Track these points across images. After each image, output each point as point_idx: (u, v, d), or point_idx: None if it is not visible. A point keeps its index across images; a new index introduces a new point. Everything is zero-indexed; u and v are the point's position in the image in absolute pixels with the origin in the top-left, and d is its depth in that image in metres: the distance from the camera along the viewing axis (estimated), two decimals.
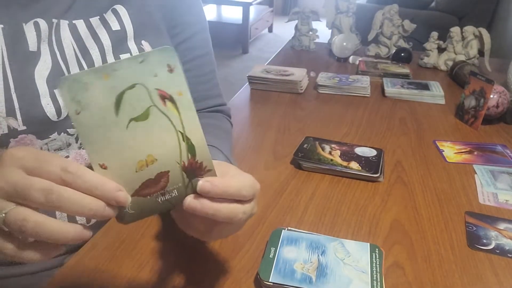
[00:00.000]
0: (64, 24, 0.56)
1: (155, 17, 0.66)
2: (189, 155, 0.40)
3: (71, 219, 0.58)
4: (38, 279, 0.61)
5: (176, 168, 0.40)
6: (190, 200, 0.39)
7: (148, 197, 0.40)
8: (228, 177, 0.42)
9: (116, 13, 0.61)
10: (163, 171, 0.39)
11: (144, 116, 0.38)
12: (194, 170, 0.41)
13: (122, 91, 0.36)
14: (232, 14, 4.79)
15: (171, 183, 0.40)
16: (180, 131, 0.39)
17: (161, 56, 0.37)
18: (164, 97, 0.38)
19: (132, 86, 0.37)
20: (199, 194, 0.40)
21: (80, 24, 0.58)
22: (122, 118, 0.37)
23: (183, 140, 0.40)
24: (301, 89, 1.22)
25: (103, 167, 0.37)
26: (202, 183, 0.40)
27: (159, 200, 0.40)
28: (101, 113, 0.36)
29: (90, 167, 0.60)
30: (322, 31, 1.73)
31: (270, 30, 5.32)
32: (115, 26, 0.61)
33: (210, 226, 0.43)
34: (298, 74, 1.25)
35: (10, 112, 0.51)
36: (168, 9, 0.68)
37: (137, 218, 0.40)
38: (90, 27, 0.59)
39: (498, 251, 0.60)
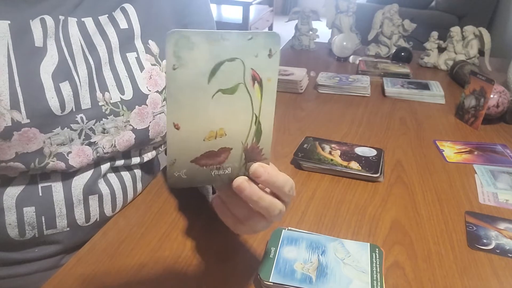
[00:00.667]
0: (72, 21, 0.57)
1: (164, 17, 0.66)
2: (254, 139, 0.42)
3: (51, 223, 0.59)
4: (34, 280, 0.61)
5: (238, 148, 0.42)
6: (241, 181, 0.42)
7: (204, 167, 0.41)
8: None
9: (124, 12, 0.62)
10: (226, 147, 0.41)
11: (231, 91, 0.39)
12: (253, 154, 0.43)
13: (222, 61, 0.37)
14: (232, 13, 4.79)
15: (229, 160, 0.42)
16: (255, 114, 0.41)
17: (267, 39, 0.38)
18: (255, 78, 0.39)
19: (232, 59, 0.37)
20: (249, 178, 0.42)
21: (88, 21, 0.58)
22: (212, 87, 0.38)
23: (255, 123, 0.41)
24: (301, 89, 1.22)
25: (176, 127, 0.38)
26: (257, 166, 0.42)
27: (213, 173, 0.42)
28: (196, 76, 0.37)
29: (95, 163, 0.60)
30: (322, 30, 1.73)
31: (270, 29, 5.33)
32: (123, 24, 0.61)
33: (246, 217, 0.45)
34: (298, 73, 1.25)
35: (14, 105, 0.51)
36: (179, 9, 0.68)
37: (186, 185, 0.41)
38: (98, 25, 0.59)
39: (498, 251, 0.60)
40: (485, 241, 0.62)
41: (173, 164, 0.39)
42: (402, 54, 1.53)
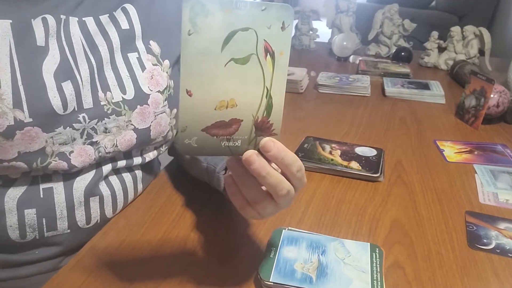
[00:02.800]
0: (73, 20, 0.57)
1: (166, 17, 0.66)
2: (265, 112, 0.42)
3: (52, 225, 0.59)
4: (34, 282, 0.60)
5: (249, 120, 0.42)
6: (251, 154, 0.42)
7: (215, 137, 0.41)
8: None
9: (125, 12, 0.62)
10: (237, 118, 0.41)
11: (243, 61, 0.39)
12: (263, 128, 0.43)
13: (235, 30, 0.38)
14: None
15: (239, 133, 0.42)
16: (267, 87, 0.41)
17: (280, 12, 0.39)
18: (268, 50, 0.40)
19: (246, 29, 0.38)
20: (259, 152, 0.43)
21: (89, 21, 0.58)
22: (225, 55, 0.38)
23: (266, 96, 0.41)
24: (302, 89, 1.22)
25: (189, 93, 0.38)
26: (267, 140, 0.43)
27: (223, 144, 0.42)
28: (209, 43, 0.37)
29: (97, 164, 0.60)
30: (322, 30, 1.73)
31: None
32: (124, 25, 0.61)
33: (255, 199, 0.45)
34: (299, 73, 1.25)
35: (17, 104, 0.51)
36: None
37: (196, 153, 0.42)
38: (99, 24, 0.59)
39: (498, 251, 0.60)
40: (485, 241, 0.62)
41: (184, 131, 0.40)
42: (402, 54, 1.53)
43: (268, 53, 0.40)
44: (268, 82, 0.41)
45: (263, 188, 0.45)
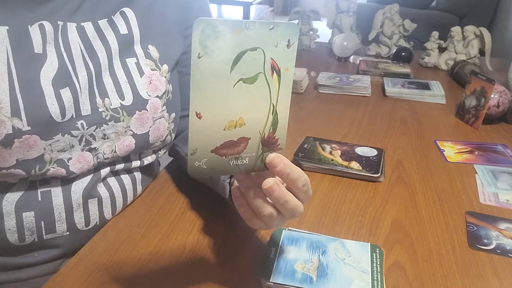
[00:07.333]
0: (71, 26, 0.56)
1: (166, 20, 0.66)
2: (271, 128, 0.43)
3: (50, 227, 0.58)
4: (34, 285, 0.60)
5: (256, 137, 0.42)
6: (272, 183, 0.43)
7: (224, 157, 0.41)
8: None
9: (124, 16, 0.61)
10: (245, 137, 0.42)
11: (252, 80, 0.39)
12: (269, 144, 0.43)
13: (244, 50, 0.38)
14: (233, 14, 4.79)
15: (247, 150, 0.42)
16: (273, 104, 0.42)
17: (286, 30, 0.39)
18: (274, 68, 0.40)
19: (254, 49, 0.38)
20: (266, 167, 0.44)
21: (88, 26, 0.58)
22: (234, 76, 0.38)
23: (272, 113, 0.42)
24: (302, 89, 1.22)
25: (199, 116, 0.38)
26: (274, 156, 0.43)
27: (231, 163, 0.42)
28: (219, 65, 0.37)
29: (99, 167, 0.60)
30: (323, 30, 1.73)
31: None
32: (123, 29, 0.61)
33: (262, 211, 0.46)
34: (299, 73, 1.24)
35: (15, 112, 0.51)
36: (183, 10, 0.68)
37: (205, 175, 0.42)
38: (98, 29, 0.59)
39: (499, 251, 0.60)
40: (485, 241, 0.62)
41: (194, 154, 0.40)
42: (403, 54, 1.53)
43: (274, 71, 0.40)
44: (274, 99, 0.41)
45: (270, 200, 0.46)
